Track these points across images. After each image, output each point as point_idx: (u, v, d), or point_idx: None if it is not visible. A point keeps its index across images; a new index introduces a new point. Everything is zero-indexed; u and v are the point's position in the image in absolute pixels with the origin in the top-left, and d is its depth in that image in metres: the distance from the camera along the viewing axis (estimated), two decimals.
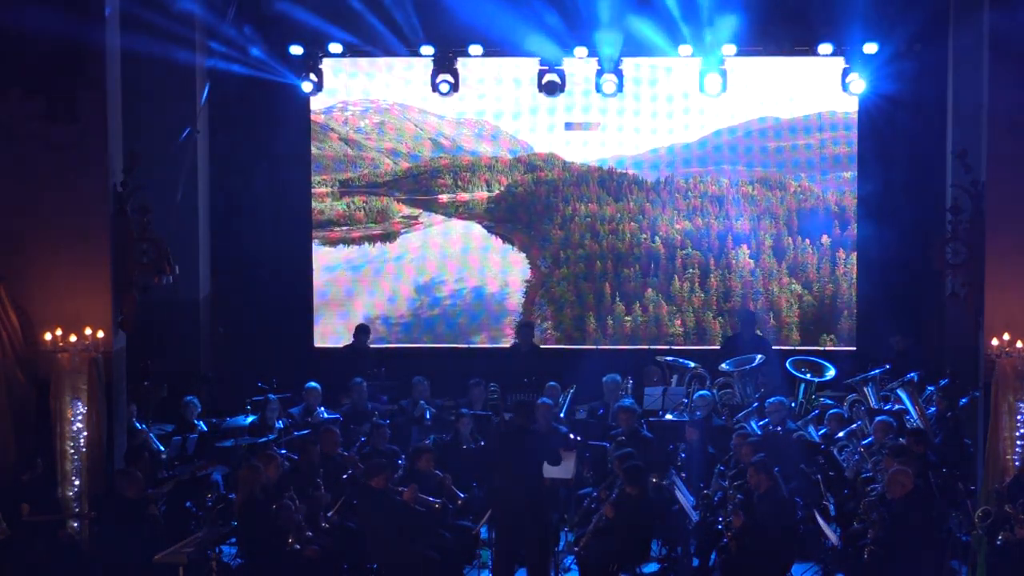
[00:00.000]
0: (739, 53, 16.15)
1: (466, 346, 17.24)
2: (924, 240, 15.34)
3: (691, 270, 16.98)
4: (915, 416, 13.77)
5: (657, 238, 17.04)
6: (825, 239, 16.86)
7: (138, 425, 13.74)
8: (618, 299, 17.06)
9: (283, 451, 13.26)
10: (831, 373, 15.29)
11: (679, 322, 16.93)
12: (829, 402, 14.80)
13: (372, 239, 17.50)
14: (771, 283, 16.93)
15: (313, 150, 17.39)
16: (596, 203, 17.18)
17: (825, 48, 16.15)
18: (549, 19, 15.91)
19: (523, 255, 17.40)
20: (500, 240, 17.44)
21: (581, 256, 17.20)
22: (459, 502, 12.55)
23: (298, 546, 11.52)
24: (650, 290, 17.00)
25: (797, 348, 16.38)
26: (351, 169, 17.58)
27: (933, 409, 13.87)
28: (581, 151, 17.24)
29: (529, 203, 17.34)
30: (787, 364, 15.25)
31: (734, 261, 16.96)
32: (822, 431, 13.93)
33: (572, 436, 13.39)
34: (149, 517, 11.90)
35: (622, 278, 17.08)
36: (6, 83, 12.50)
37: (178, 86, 15.99)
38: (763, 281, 16.93)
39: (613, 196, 17.17)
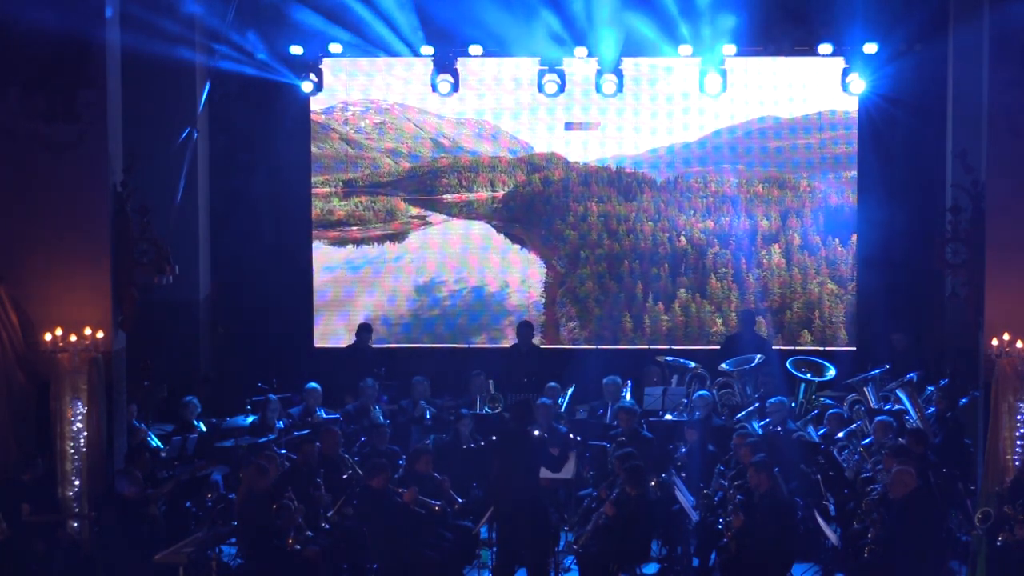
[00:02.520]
0: (739, 53, 16.16)
1: (466, 346, 17.24)
2: (924, 240, 15.33)
3: (723, 269, 16.97)
4: (915, 416, 13.77)
5: (683, 237, 17.01)
6: (855, 238, 16.84)
7: (138, 425, 13.74)
8: (651, 298, 17.02)
9: (283, 451, 13.26)
10: (831, 373, 15.29)
11: (720, 321, 16.87)
12: (829, 402, 14.79)
13: (381, 239, 17.50)
14: (809, 282, 16.91)
15: (313, 150, 17.39)
16: (608, 202, 17.16)
17: (825, 48, 16.15)
18: (549, 19, 15.92)
19: (526, 255, 17.38)
20: (505, 240, 17.40)
21: (600, 255, 17.18)
22: (456, 507, 12.53)
23: (298, 546, 11.52)
24: (683, 290, 16.98)
25: (797, 348, 16.38)
26: (352, 169, 17.58)
27: (933, 409, 13.87)
28: (581, 151, 17.24)
29: (538, 203, 17.33)
30: (787, 364, 15.24)
31: (765, 260, 16.95)
32: (822, 431, 13.93)
33: (572, 436, 13.40)
34: (149, 517, 11.90)
35: (651, 277, 17.05)
36: (6, 82, 12.50)
37: (178, 86, 15.99)
38: (801, 280, 16.91)
39: (623, 195, 17.16)
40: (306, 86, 16.53)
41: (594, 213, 17.20)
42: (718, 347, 16.15)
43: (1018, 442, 12.19)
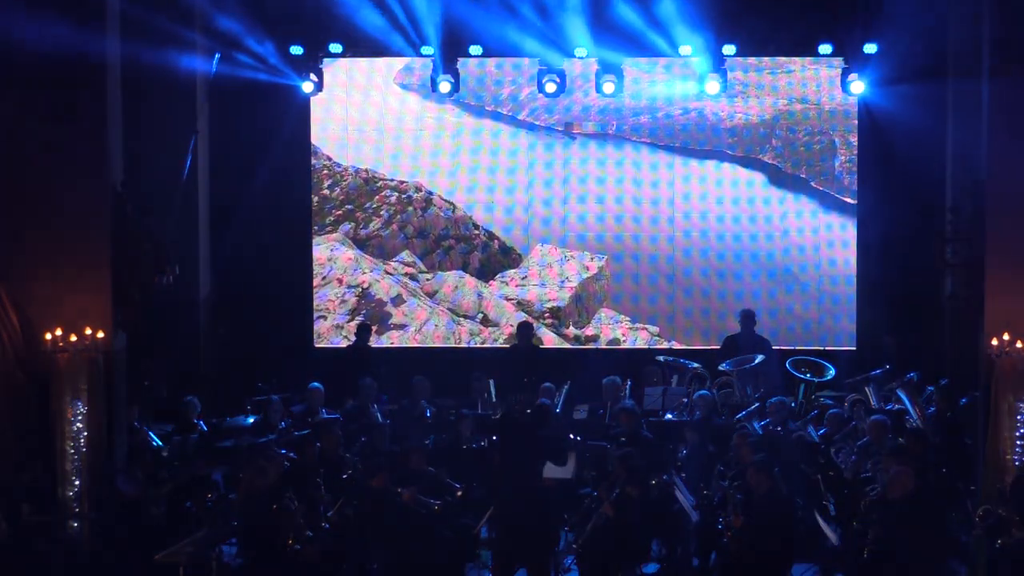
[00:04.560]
0: (739, 53, 16.16)
1: (466, 346, 17.24)
2: (924, 240, 15.33)
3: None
4: (915, 416, 13.76)
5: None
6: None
7: (138, 426, 13.74)
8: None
9: (283, 451, 13.25)
10: (831, 373, 15.28)
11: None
12: (828, 402, 14.78)
13: None
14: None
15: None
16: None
17: (825, 48, 16.15)
18: (549, 20, 15.92)
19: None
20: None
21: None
22: (458, 494, 12.50)
23: (298, 546, 11.51)
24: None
25: (797, 348, 16.37)
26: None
27: (933, 409, 13.86)
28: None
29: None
30: (787, 364, 15.24)
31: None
32: (822, 431, 13.93)
33: (572, 436, 13.40)
34: (149, 517, 11.90)
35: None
36: (6, 83, 12.51)
37: (178, 86, 15.99)
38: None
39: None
40: (306, 86, 16.52)
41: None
42: (718, 347, 16.16)
43: (1018, 442, 12.19)
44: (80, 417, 12.33)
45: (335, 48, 16.43)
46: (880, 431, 12.98)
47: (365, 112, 17.39)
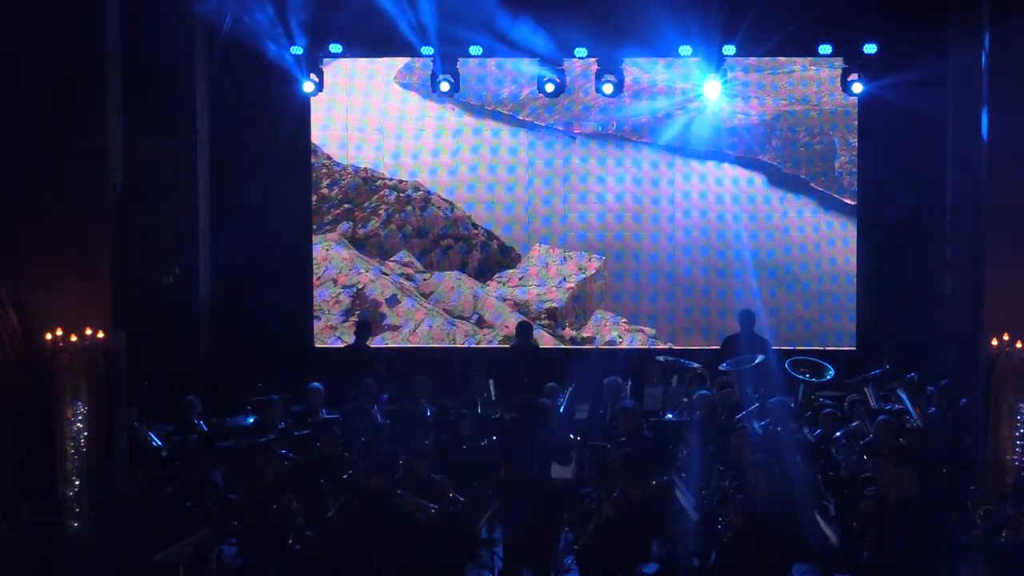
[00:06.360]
0: (739, 53, 16.16)
1: (466, 346, 17.24)
2: (924, 240, 15.33)
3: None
4: (915, 416, 13.76)
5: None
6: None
7: (138, 426, 13.74)
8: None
9: (284, 451, 13.26)
10: (831, 373, 15.26)
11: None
12: (828, 402, 14.78)
13: None
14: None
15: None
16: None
17: (825, 48, 16.15)
18: (549, 20, 15.93)
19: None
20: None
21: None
22: (458, 505, 12.49)
23: (298, 546, 11.51)
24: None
25: (796, 348, 16.37)
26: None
27: (933, 409, 13.86)
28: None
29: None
30: (786, 364, 15.23)
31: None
32: (818, 432, 13.93)
33: (572, 436, 13.40)
34: (149, 517, 11.89)
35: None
36: (6, 83, 12.50)
37: (179, 86, 16.00)
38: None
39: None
40: (307, 86, 16.52)
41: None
42: (718, 347, 16.15)
43: (1018, 442, 12.19)
44: (80, 417, 12.32)
45: (335, 48, 16.43)
46: (887, 431, 12.98)
47: (365, 112, 17.40)
